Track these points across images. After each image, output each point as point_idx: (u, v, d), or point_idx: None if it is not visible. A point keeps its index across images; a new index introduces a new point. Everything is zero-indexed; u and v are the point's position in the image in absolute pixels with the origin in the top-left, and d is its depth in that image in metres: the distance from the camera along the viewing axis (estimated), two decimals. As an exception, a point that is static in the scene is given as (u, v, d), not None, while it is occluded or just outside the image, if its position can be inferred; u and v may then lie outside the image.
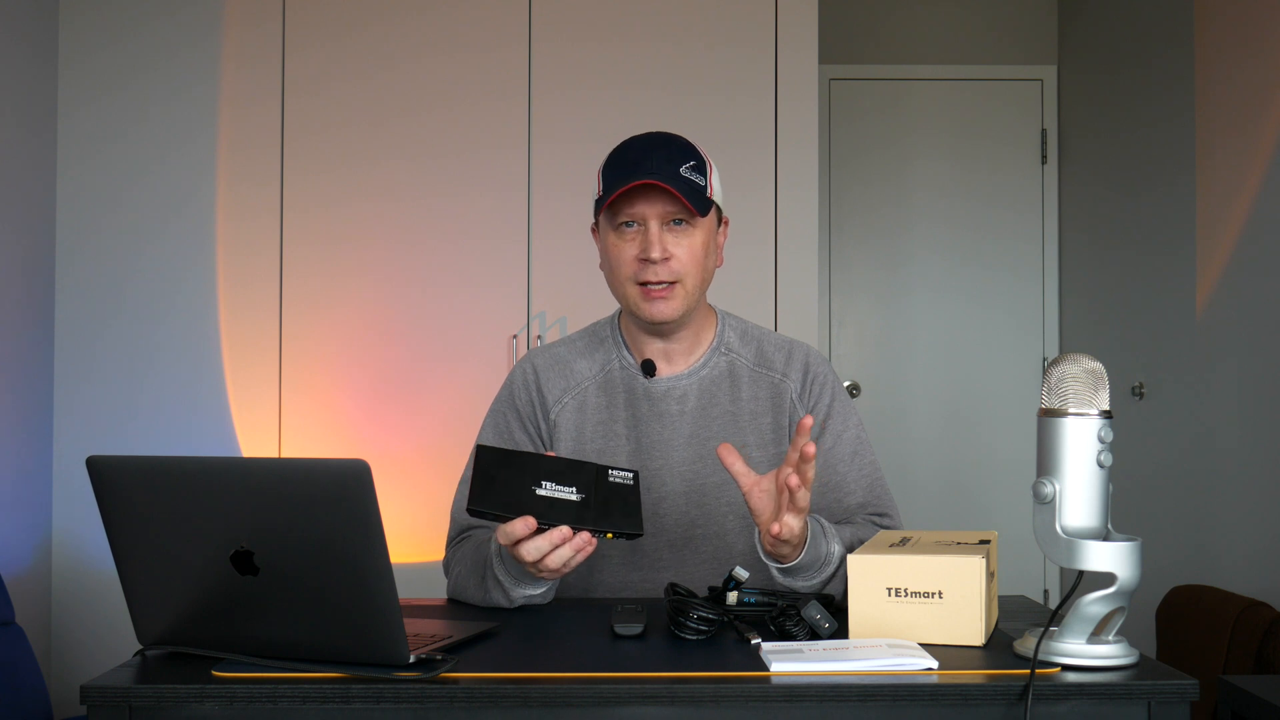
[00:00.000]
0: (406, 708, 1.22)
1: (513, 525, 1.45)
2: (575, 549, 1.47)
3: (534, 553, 1.46)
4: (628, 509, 1.49)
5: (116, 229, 3.33)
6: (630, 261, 1.73)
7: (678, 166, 1.72)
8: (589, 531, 1.47)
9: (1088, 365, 1.31)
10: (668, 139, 1.76)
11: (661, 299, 1.73)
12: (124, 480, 1.28)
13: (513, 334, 3.33)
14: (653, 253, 1.70)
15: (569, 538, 1.46)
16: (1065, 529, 1.30)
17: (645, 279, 1.72)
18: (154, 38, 3.34)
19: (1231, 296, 3.28)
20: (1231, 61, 3.31)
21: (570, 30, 3.36)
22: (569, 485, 1.48)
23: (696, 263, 1.73)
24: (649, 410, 1.81)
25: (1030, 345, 4.60)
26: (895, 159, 4.62)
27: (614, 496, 1.50)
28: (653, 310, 1.73)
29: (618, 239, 1.74)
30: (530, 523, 1.44)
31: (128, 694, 1.22)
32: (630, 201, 1.71)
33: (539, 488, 1.47)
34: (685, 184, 1.71)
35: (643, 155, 1.72)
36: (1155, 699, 1.23)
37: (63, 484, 3.28)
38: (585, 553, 1.48)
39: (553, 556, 1.47)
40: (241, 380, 3.32)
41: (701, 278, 1.75)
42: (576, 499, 1.48)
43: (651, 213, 1.71)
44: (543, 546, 1.46)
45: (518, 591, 1.60)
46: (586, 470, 1.51)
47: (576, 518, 1.47)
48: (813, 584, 1.59)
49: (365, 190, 3.34)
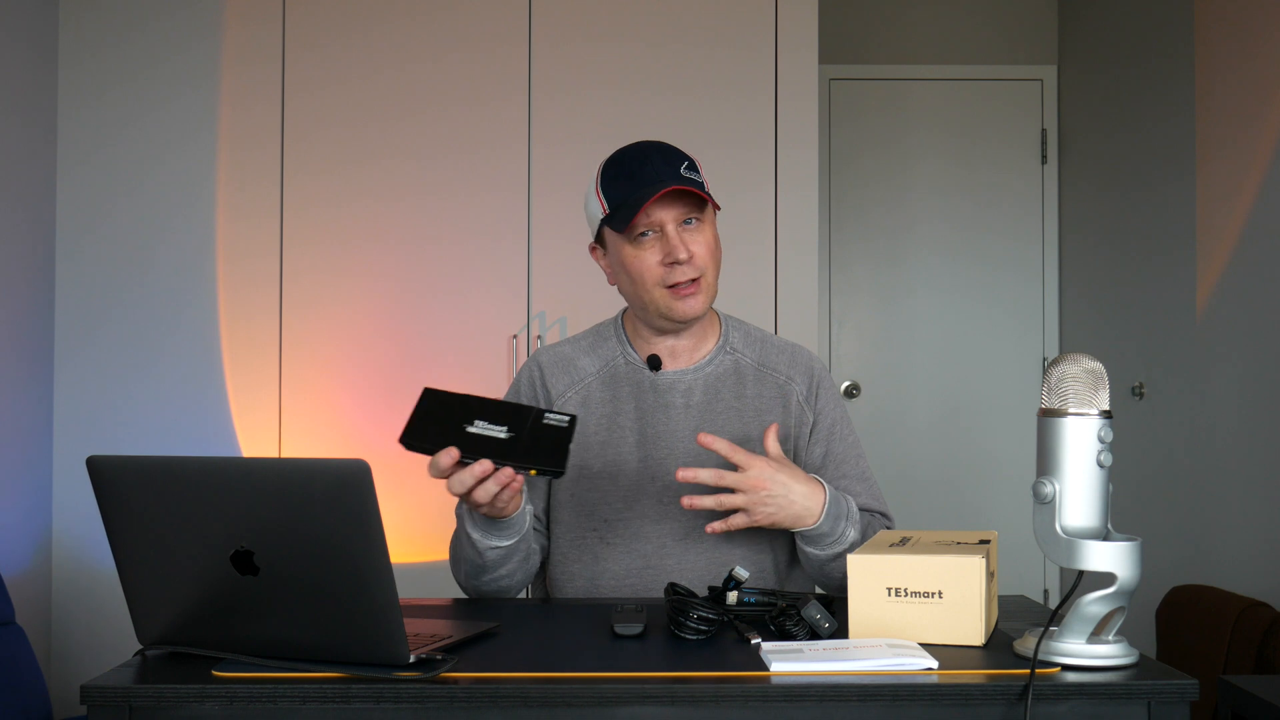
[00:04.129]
0: (406, 708, 1.22)
1: (438, 457, 1.51)
2: (499, 483, 1.52)
3: (459, 486, 1.53)
4: (555, 448, 1.53)
5: (116, 229, 3.33)
6: (654, 268, 1.77)
7: (678, 168, 1.76)
8: (511, 467, 1.51)
9: (1088, 365, 1.31)
10: (658, 146, 1.81)
11: (691, 295, 1.78)
12: (124, 480, 1.28)
13: (513, 334, 3.33)
14: (680, 254, 1.75)
15: (489, 471, 1.51)
16: (1065, 529, 1.30)
17: (674, 280, 1.76)
18: (154, 38, 3.34)
19: (1231, 296, 3.28)
20: (1231, 61, 3.30)
21: (570, 30, 3.36)
22: (500, 425, 1.53)
23: (713, 255, 1.80)
24: (654, 402, 1.84)
25: (1030, 345, 4.60)
26: (895, 159, 4.62)
27: (544, 436, 1.54)
28: (685, 308, 1.78)
29: (636, 250, 1.77)
30: (453, 454, 1.50)
31: (128, 694, 1.22)
32: (645, 212, 1.74)
33: (470, 425, 1.52)
34: (692, 183, 1.76)
35: (641, 165, 1.76)
36: (1155, 699, 1.23)
37: (63, 484, 3.28)
38: (512, 488, 1.54)
39: (479, 490, 1.53)
40: (241, 380, 3.32)
41: (717, 270, 1.82)
42: (505, 436, 1.53)
43: (667, 217, 1.75)
44: (466, 480, 1.52)
45: (485, 543, 1.67)
46: (524, 412, 1.56)
47: (501, 453, 1.52)
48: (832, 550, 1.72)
49: (365, 190, 3.34)
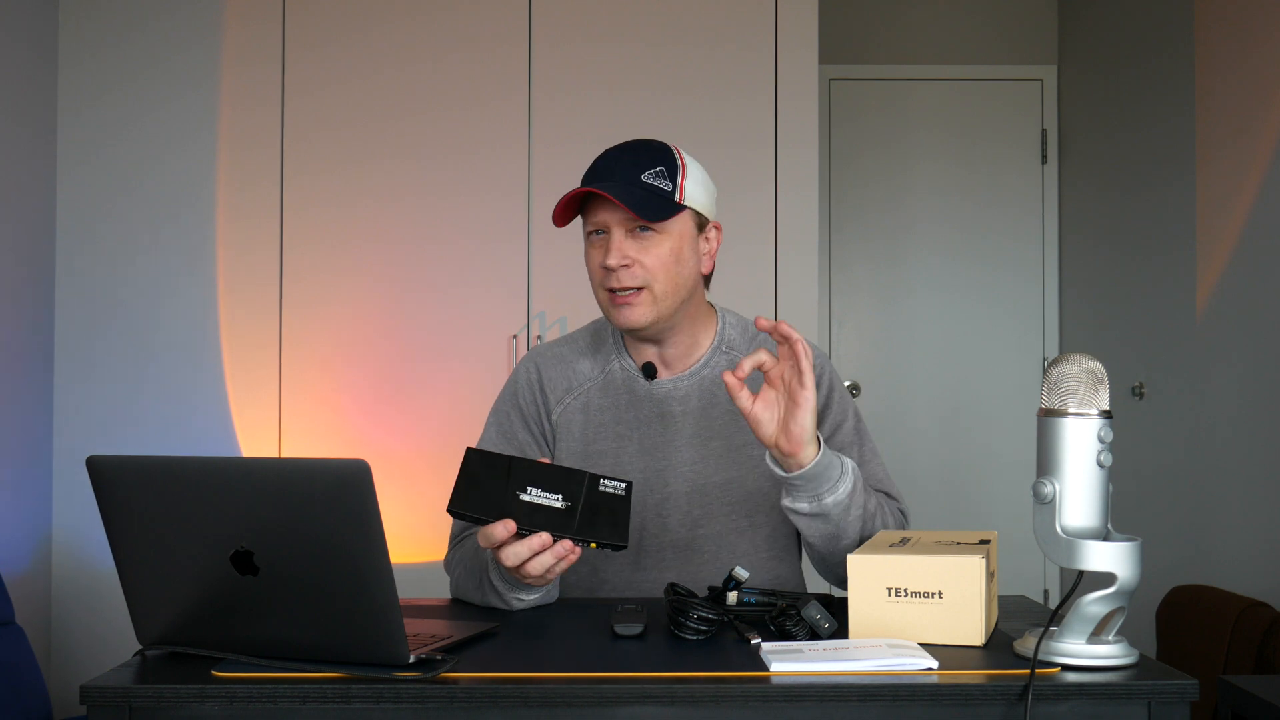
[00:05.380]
0: (406, 708, 1.22)
1: (492, 528, 1.45)
2: (556, 556, 1.47)
3: (513, 558, 1.47)
4: (614, 519, 1.48)
5: (116, 229, 3.33)
6: (597, 269, 1.74)
7: (640, 173, 1.70)
8: (570, 540, 1.46)
9: (1088, 365, 1.31)
10: (640, 146, 1.75)
11: (627, 305, 1.72)
12: (124, 480, 1.28)
13: (513, 334, 3.33)
14: (609, 260, 1.70)
15: (548, 545, 1.46)
16: (1065, 529, 1.30)
17: (610, 285, 1.73)
18: (154, 38, 3.34)
19: (1231, 296, 3.28)
20: (1231, 61, 3.30)
21: (570, 30, 3.36)
22: (555, 492, 1.48)
23: (664, 269, 1.71)
24: (651, 411, 1.82)
25: (1030, 345, 4.60)
26: (895, 159, 4.62)
27: (602, 505, 1.49)
28: (620, 316, 1.73)
29: (589, 246, 1.77)
30: (509, 526, 1.45)
31: (128, 694, 1.22)
32: (594, 210, 1.73)
33: (523, 493, 1.47)
34: (642, 190, 1.69)
35: (608, 163, 1.73)
36: (1155, 699, 1.23)
37: (63, 484, 3.28)
38: (568, 560, 1.48)
39: (533, 563, 1.47)
40: (241, 380, 3.32)
41: (674, 284, 1.73)
42: (561, 506, 1.47)
43: (612, 220, 1.71)
44: (521, 553, 1.46)
45: (513, 596, 1.60)
46: (576, 477, 1.50)
47: (559, 525, 1.46)
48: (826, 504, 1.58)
49: (365, 190, 3.34)
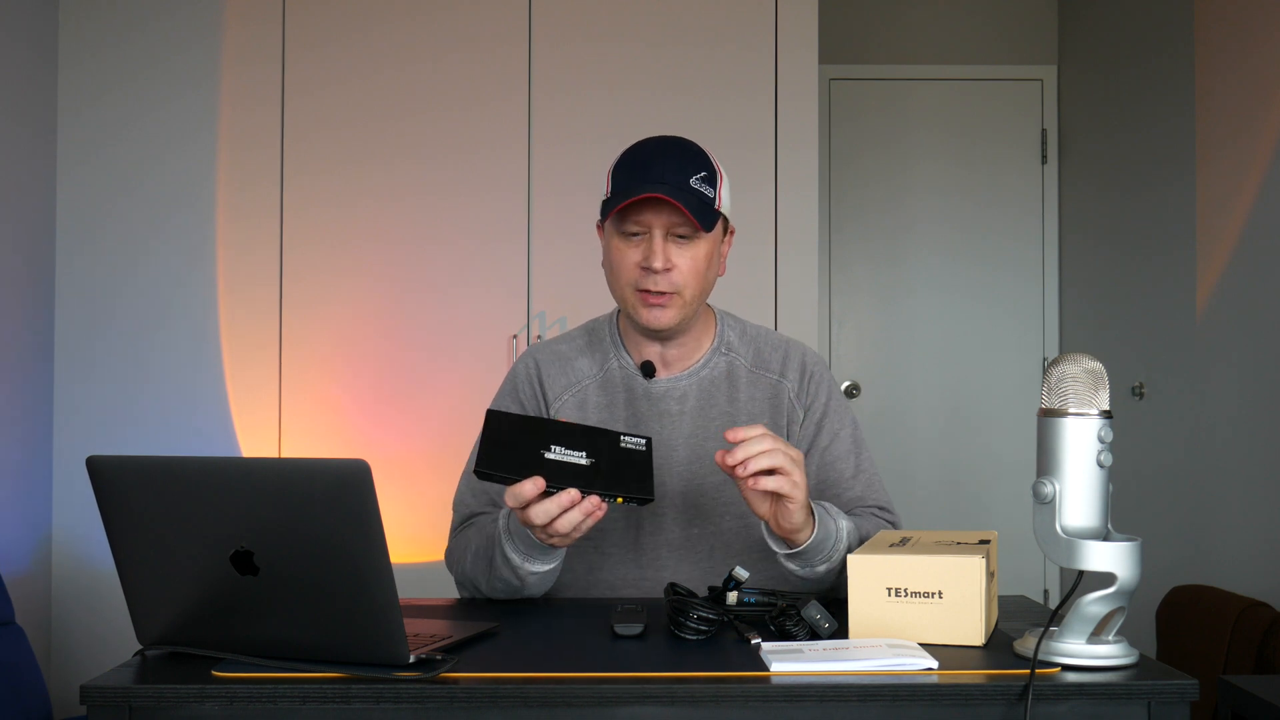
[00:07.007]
0: (406, 708, 1.22)
1: (521, 486, 1.45)
2: (585, 513, 1.47)
3: (543, 516, 1.47)
4: (639, 474, 1.49)
5: (116, 229, 3.33)
6: (632, 268, 1.73)
7: (688, 177, 1.70)
8: (598, 495, 1.47)
9: (1088, 365, 1.31)
10: (682, 146, 1.74)
11: (659, 306, 1.73)
12: (124, 480, 1.28)
13: (513, 334, 3.33)
14: (655, 262, 1.70)
15: (577, 501, 1.46)
16: (1065, 529, 1.30)
17: (645, 286, 1.72)
18: (154, 38, 3.34)
19: (1231, 296, 3.28)
20: (1231, 61, 3.30)
21: (570, 30, 3.36)
22: (579, 450, 1.49)
23: (698, 275, 1.73)
24: (649, 409, 1.82)
25: (1030, 345, 4.60)
26: (895, 159, 4.62)
27: (625, 462, 1.50)
28: (650, 317, 1.74)
29: (622, 243, 1.74)
30: (539, 483, 1.45)
31: (128, 694, 1.22)
32: (638, 210, 1.71)
33: (548, 451, 1.48)
34: (694, 196, 1.69)
35: (654, 161, 1.71)
36: (1155, 699, 1.23)
37: (63, 484, 3.28)
38: (595, 517, 1.48)
39: (562, 520, 1.47)
40: (241, 380, 3.32)
41: (701, 289, 1.75)
42: (586, 463, 1.48)
43: (657, 223, 1.70)
44: (551, 510, 1.46)
45: (526, 567, 1.61)
46: (598, 435, 1.51)
47: (586, 481, 1.47)
48: (819, 570, 1.60)
49: (365, 190, 3.34)
